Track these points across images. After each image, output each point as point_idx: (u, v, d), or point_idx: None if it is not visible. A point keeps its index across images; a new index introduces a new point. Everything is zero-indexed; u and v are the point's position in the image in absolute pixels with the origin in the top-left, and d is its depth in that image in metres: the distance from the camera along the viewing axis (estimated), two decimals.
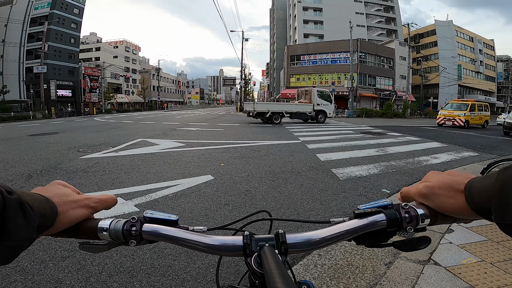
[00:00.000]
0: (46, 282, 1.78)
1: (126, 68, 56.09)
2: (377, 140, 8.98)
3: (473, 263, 1.96)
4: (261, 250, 0.39)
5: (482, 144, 8.81)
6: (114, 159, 5.49)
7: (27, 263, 1.97)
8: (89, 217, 0.42)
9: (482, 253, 2.09)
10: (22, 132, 11.37)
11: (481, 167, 5.36)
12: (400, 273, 1.88)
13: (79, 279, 1.82)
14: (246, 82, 46.97)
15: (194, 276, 1.89)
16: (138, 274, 1.89)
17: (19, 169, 4.66)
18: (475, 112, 16.59)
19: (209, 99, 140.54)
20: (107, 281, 1.81)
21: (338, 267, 2.00)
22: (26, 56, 36.53)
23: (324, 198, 3.49)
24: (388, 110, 29.13)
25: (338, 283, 1.82)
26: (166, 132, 10.68)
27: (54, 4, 36.19)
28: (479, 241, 2.31)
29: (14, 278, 1.80)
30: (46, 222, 0.34)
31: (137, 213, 2.89)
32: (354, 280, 1.85)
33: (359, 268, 1.99)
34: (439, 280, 1.78)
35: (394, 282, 1.77)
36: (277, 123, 16.25)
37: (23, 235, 0.30)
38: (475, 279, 1.76)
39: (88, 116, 28.69)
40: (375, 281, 1.82)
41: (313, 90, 18.14)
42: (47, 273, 1.87)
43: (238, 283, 0.58)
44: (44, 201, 0.35)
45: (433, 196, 0.40)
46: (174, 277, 1.87)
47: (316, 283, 1.80)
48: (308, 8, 50.54)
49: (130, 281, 1.82)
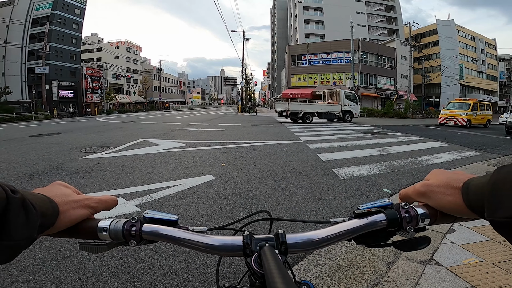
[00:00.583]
0: (47, 282, 1.78)
1: (128, 68, 56.22)
2: (379, 140, 8.96)
3: (475, 263, 1.94)
4: (261, 250, 0.39)
5: (484, 144, 8.78)
6: (116, 160, 5.51)
7: (29, 263, 1.98)
8: (89, 217, 0.42)
9: (484, 253, 2.08)
10: (24, 132, 11.42)
11: (483, 167, 5.35)
12: (401, 273, 1.87)
13: (80, 278, 1.83)
14: (247, 82, 47.00)
15: (194, 276, 1.89)
16: (139, 274, 1.90)
17: (21, 170, 4.68)
18: (477, 111, 16.55)
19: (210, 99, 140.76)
20: (108, 281, 1.82)
21: (339, 267, 1.99)
22: (28, 57, 36.64)
23: (325, 198, 3.48)
24: (390, 110, 29.07)
25: (338, 283, 1.81)
26: (167, 132, 10.70)
27: (55, 5, 36.33)
28: (481, 241, 2.29)
29: (16, 278, 1.81)
30: (47, 221, 0.34)
31: (138, 213, 2.90)
32: (355, 280, 1.84)
33: (360, 268, 1.98)
34: (440, 280, 1.76)
35: (395, 282, 1.76)
36: (308, 122, 16.87)
37: (25, 234, 0.30)
38: (476, 279, 1.75)
39: (90, 117, 28.80)
40: (376, 281, 1.81)
41: (341, 91, 18.61)
42: (49, 273, 1.88)
43: (238, 283, 0.58)
44: (46, 201, 0.35)
45: (431, 194, 0.40)
46: (175, 277, 1.88)
47: (317, 283, 1.79)
48: (309, 8, 50.50)
49: (131, 281, 1.82)
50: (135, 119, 20.59)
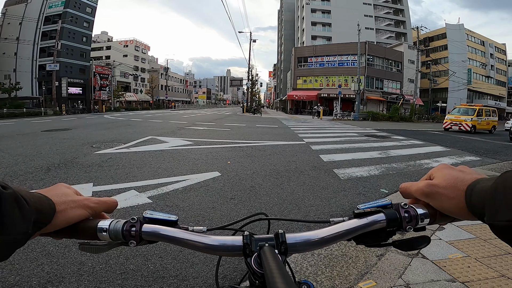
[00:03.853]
0: (70, 264, 1.97)
1: (135, 67, 56.88)
2: (381, 143, 9.08)
3: (459, 258, 2.08)
4: (261, 250, 0.39)
5: (486, 149, 8.84)
6: (127, 155, 5.76)
7: (52, 248, 2.17)
8: (88, 217, 0.42)
9: (469, 249, 2.21)
10: (36, 128, 11.80)
11: (481, 171, 5.46)
12: (389, 264, 2.01)
13: (100, 261, 2.02)
14: (253, 83, 47.18)
15: (202, 260, 2.10)
16: (152, 257, 2.11)
17: (38, 162, 4.94)
18: (482, 117, 16.45)
19: (216, 99, 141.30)
20: (125, 263, 2.02)
21: (333, 256, 2.17)
22: (39, 54, 37.38)
23: (324, 195, 3.67)
24: (395, 114, 28.95)
25: (332, 270, 1.98)
26: (174, 130, 10.97)
27: (67, 3, 37.09)
28: (468, 238, 2.41)
29: (41, 261, 1.99)
30: (43, 218, 0.35)
31: (151, 205, 3.13)
32: (347, 269, 2.01)
33: (353, 258, 2.14)
34: (425, 272, 1.90)
35: (384, 272, 1.91)
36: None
37: (19, 229, 0.30)
38: (458, 272, 1.89)
39: (98, 114, 29.24)
40: (366, 270, 1.96)
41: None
42: (71, 256, 2.06)
43: (239, 284, 0.59)
44: (41, 198, 0.36)
45: (435, 195, 0.39)
46: (184, 260, 2.08)
47: (312, 270, 1.97)
48: (316, 10, 50.51)
49: (145, 264, 2.03)
50: (142, 117, 20.92)
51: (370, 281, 1.82)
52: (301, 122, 20.48)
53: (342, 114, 28.81)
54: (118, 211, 2.87)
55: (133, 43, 58.75)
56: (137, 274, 1.91)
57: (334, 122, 21.81)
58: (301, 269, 1.97)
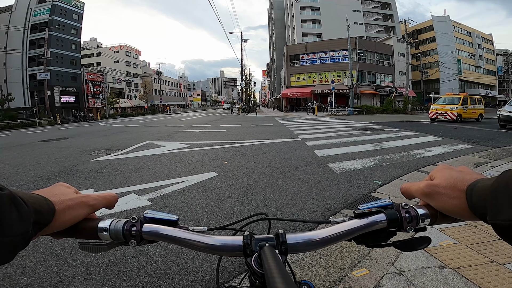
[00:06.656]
0: (77, 265, 2.06)
1: (128, 72, 56.58)
2: (375, 136, 9.22)
3: (449, 245, 2.13)
4: (261, 250, 0.39)
5: (478, 137, 9.00)
6: (125, 161, 5.83)
7: (60, 250, 2.26)
8: (88, 216, 0.42)
9: (459, 236, 2.27)
10: (32, 138, 11.80)
11: (473, 158, 5.62)
12: (382, 253, 2.08)
13: (105, 261, 2.11)
14: (247, 83, 47.24)
15: (202, 256, 2.17)
16: (154, 255, 2.20)
17: (38, 172, 5.00)
18: (467, 105, 16.29)
19: (211, 101, 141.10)
20: (129, 262, 2.10)
21: (328, 247, 2.28)
22: (29, 63, 36.92)
23: (319, 189, 3.79)
24: (389, 107, 29.28)
25: (326, 260, 2.06)
26: (170, 134, 11.03)
27: (53, 11, 36.57)
28: (458, 225, 2.43)
29: (50, 263, 2.09)
30: (42, 218, 0.34)
31: (150, 206, 3.23)
32: (341, 258, 2.07)
33: (346, 248, 2.21)
34: (416, 259, 1.96)
35: (376, 260, 1.98)
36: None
37: (17, 230, 0.30)
38: (448, 258, 1.95)
39: (93, 121, 29.10)
40: (359, 259, 2.04)
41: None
42: (78, 258, 2.15)
43: (239, 284, 0.60)
44: (40, 199, 0.35)
45: (436, 195, 0.39)
46: (185, 257, 2.17)
47: (308, 260, 2.05)
48: (305, 7, 50.73)
49: (148, 261, 2.11)
50: (138, 122, 20.91)
51: (363, 269, 1.89)
52: (296, 119, 20.58)
53: (337, 109, 29.02)
54: (120, 214, 2.95)
55: (124, 48, 58.42)
56: (140, 271, 2.00)
57: (329, 118, 21.97)
58: (296, 260, 2.05)
